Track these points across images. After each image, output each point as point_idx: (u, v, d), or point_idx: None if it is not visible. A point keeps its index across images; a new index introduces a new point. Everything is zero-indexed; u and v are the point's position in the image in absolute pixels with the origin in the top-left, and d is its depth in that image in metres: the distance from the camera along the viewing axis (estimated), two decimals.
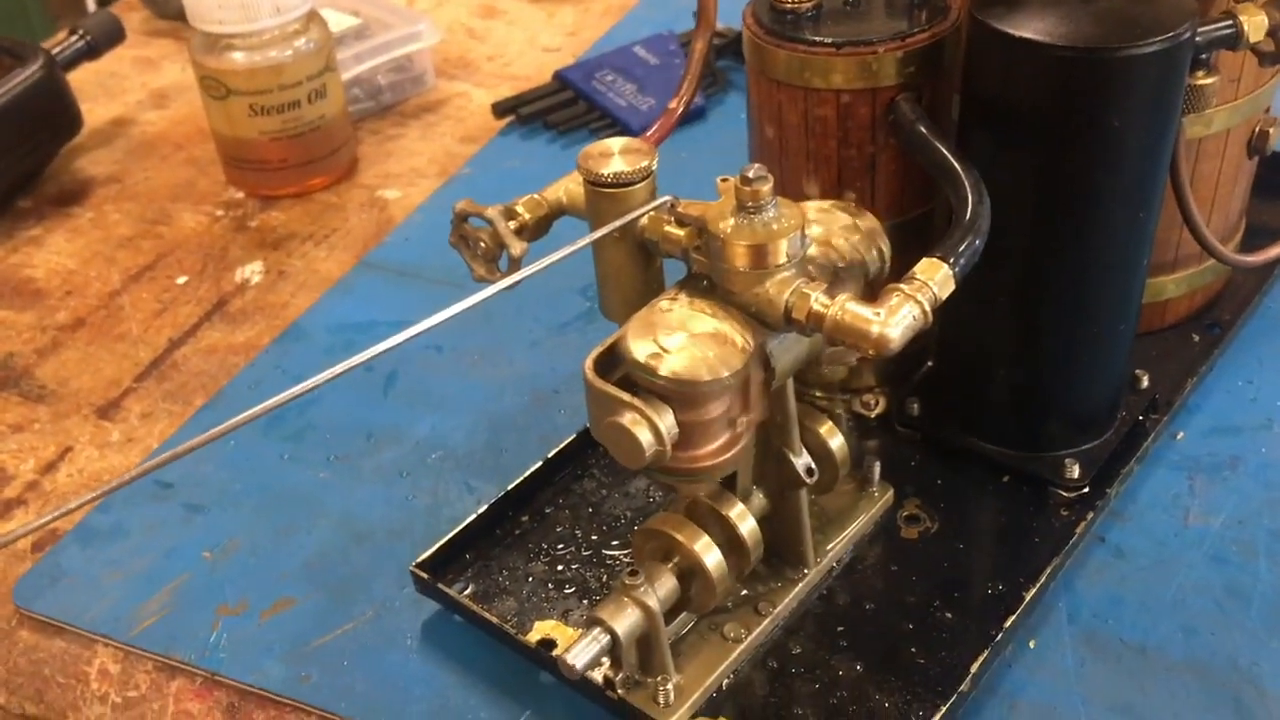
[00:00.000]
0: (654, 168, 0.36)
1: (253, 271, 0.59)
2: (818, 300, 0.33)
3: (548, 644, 0.38)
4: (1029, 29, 0.36)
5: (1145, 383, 0.45)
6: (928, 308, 0.33)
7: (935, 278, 0.33)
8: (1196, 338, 0.48)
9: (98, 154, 0.69)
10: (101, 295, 0.58)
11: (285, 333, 0.54)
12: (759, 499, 0.39)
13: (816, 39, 0.39)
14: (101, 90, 0.75)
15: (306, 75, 0.61)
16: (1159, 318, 0.49)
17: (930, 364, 0.46)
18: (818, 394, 0.46)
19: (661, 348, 0.32)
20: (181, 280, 0.58)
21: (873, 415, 0.46)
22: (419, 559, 0.40)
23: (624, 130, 0.65)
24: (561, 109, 0.68)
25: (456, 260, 0.39)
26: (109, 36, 0.69)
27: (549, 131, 0.67)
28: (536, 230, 0.38)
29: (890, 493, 0.42)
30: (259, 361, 0.52)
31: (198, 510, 0.46)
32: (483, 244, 0.37)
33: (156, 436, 0.49)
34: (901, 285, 0.33)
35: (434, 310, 0.30)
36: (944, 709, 0.35)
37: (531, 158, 0.65)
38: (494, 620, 0.38)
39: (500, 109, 0.69)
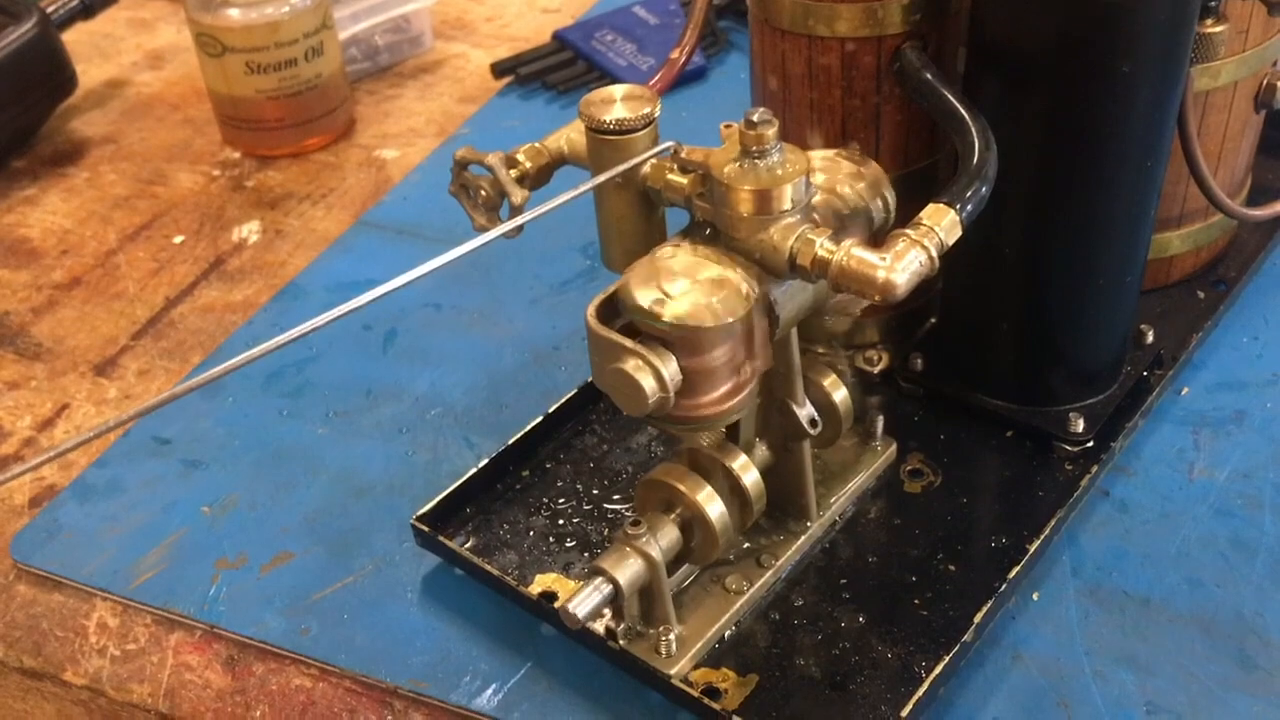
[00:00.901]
0: (657, 115, 0.36)
1: (250, 231, 0.58)
2: (823, 246, 0.32)
3: (549, 596, 0.38)
4: None
5: (1150, 338, 0.44)
6: (934, 253, 0.32)
7: (942, 223, 0.33)
8: (1202, 294, 0.48)
9: (93, 115, 0.68)
10: (98, 254, 0.57)
11: (283, 291, 0.53)
12: (762, 451, 0.39)
13: None
14: (96, 51, 0.74)
15: (303, 33, 0.60)
16: (1164, 274, 0.48)
17: (934, 320, 0.46)
18: (820, 350, 0.46)
19: (665, 293, 0.32)
20: (178, 240, 0.58)
21: (876, 371, 0.45)
22: (419, 512, 0.40)
23: None
24: (561, 69, 0.68)
25: (456, 218, 0.38)
26: None
27: (548, 91, 0.67)
28: (538, 179, 0.38)
29: (894, 447, 0.42)
30: (256, 320, 0.52)
31: (196, 466, 0.45)
32: (483, 192, 0.37)
33: (154, 394, 0.49)
34: (908, 231, 0.32)
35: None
36: (946, 659, 0.35)
37: (531, 117, 0.65)
38: (495, 572, 0.38)
39: (499, 69, 0.68)
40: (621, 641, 0.36)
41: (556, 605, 0.36)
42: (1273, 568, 0.38)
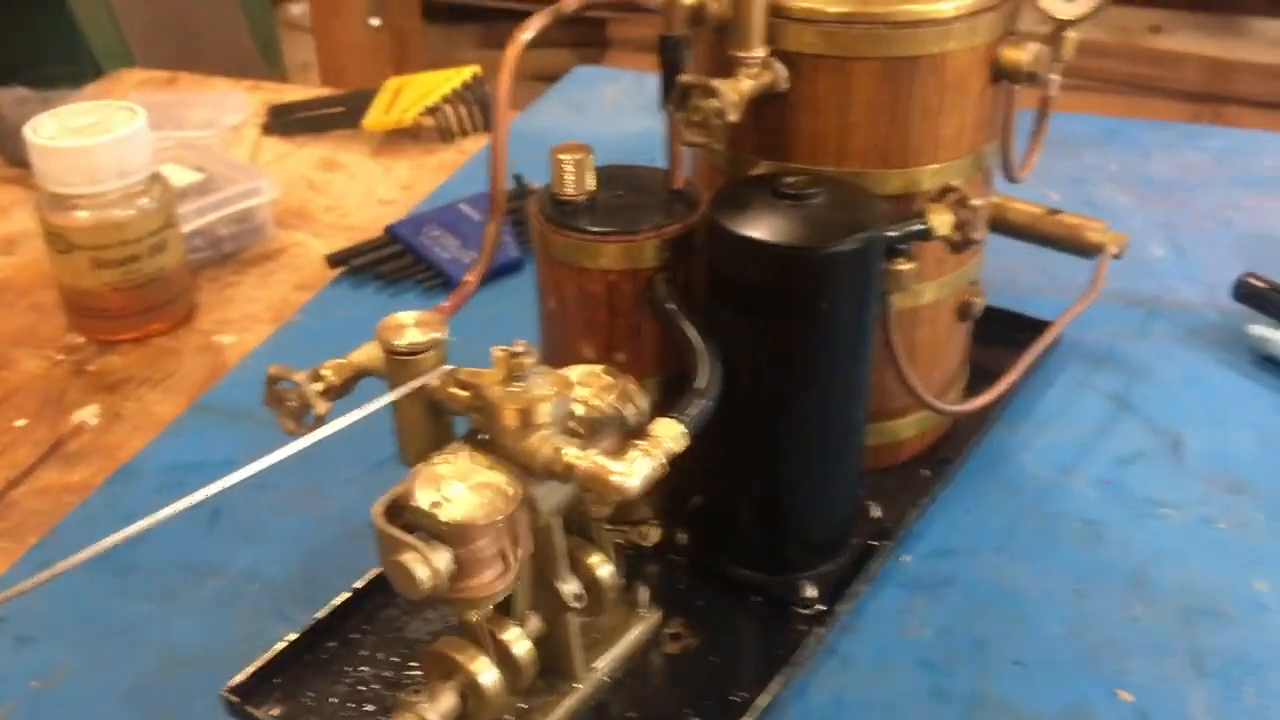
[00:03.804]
0: (443, 338, 0.43)
1: (90, 414, 0.63)
2: (571, 454, 0.39)
3: None
4: (752, 229, 0.44)
5: (877, 512, 0.52)
6: (664, 460, 0.40)
7: (670, 435, 0.40)
8: (926, 472, 0.56)
9: None
10: None
11: (118, 473, 0.58)
12: (535, 622, 0.45)
13: (589, 227, 0.47)
14: None
15: (147, 231, 0.66)
16: (894, 455, 0.57)
17: (697, 500, 0.53)
18: (606, 526, 0.53)
19: (441, 497, 0.38)
20: (20, 423, 0.62)
21: (649, 544, 0.52)
22: (230, 684, 0.44)
23: (447, 282, 0.72)
24: (390, 260, 0.75)
25: None
26: None
27: (378, 281, 0.74)
28: (342, 390, 0.44)
29: (659, 614, 0.49)
30: (91, 500, 0.56)
31: (27, 642, 0.49)
32: (292, 403, 0.43)
33: None
34: (641, 442, 0.40)
35: (262, 450, 0.35)
36: None
37: (360, 305, 0.71)
38: None
39: (334, 260, 0.75)
40: None
41: None
42: (964, 715, 0.45)
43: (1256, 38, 2.11)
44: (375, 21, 1.68)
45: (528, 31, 0.46)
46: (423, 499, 0.38)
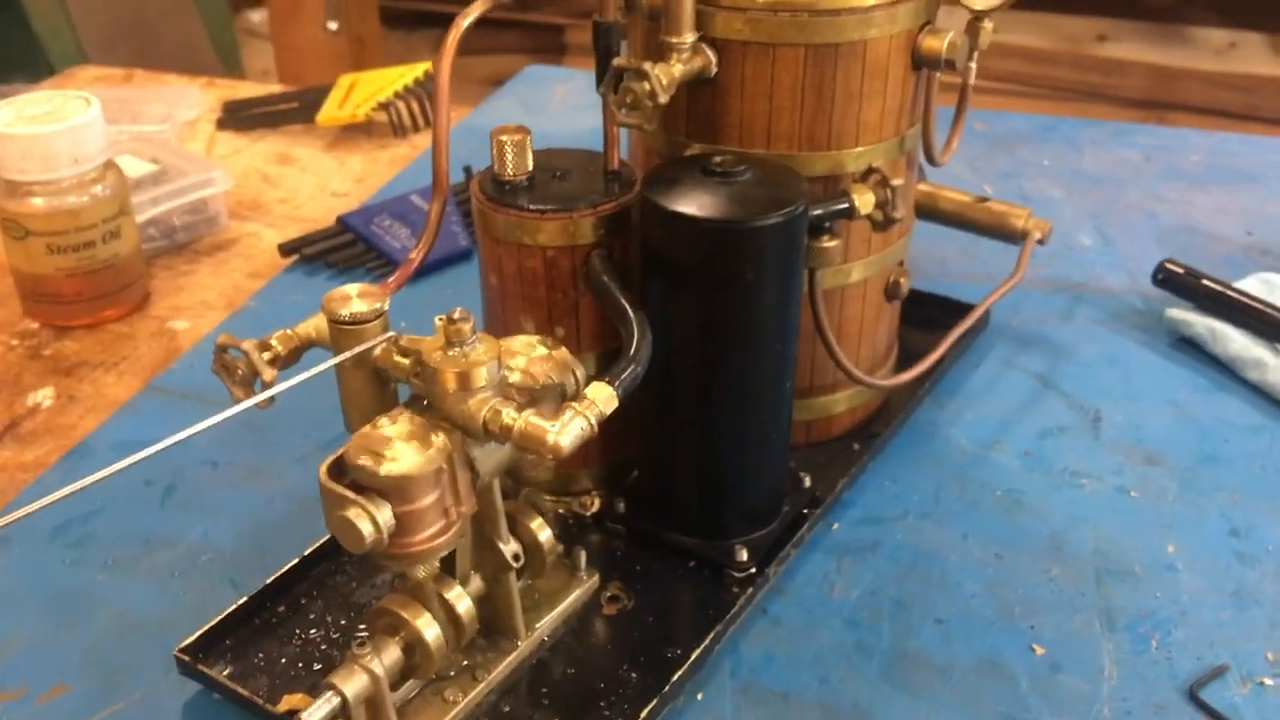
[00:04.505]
0: (385, 309, 0.45)
1: (44, 396, 0.64)
2: (508, 415, 0.41)
3: (293, 712, 0.44)
4: (682, 205, 0.46)
5: (807, 482, 0.55)
6: (594, 421, 0.42)
7: (601, 397, 0.42)
8: (856, 445, 0.58)
9: None
10: None
11: (72, 451, 0.59)
12: (476, 581, 0.47)
13: (528, 206, 0.49)
14: None
15: (102, 219, 0.67)
16: (828, 429, 0.59)
17: (635, 473, 0.55)
18: (547, 497, 0.55)
19: (381, 455, 0.40)
20: None
21: (589, 513, 0.54)
22: (182, 644, 0.46)
23: (396, 269, 0.74)
24: (342, 249, 0.76)
25: None
26: None
27: (330, 270, 0.75)
28: (288, 360, 0.46)
29: (596, 577, 0.51)
30: (45, 478, 0.58)
31: None
32: (240, 371, 0.45)
33: None
34: (574, 403, 0.42)
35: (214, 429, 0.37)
36: None
37: (312, 292, 0.73)
38: (245, 693, 0.45)
39: (286, 249, 0.76)
40: None
41: (294, 718, 0.42)
42: (884, 667, 0.47)
43: (1200, 46, 2.16)
44: (333, 26, 1.69)
45: (469, 17, 0.48)
46: (364, 456, 0.40)
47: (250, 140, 0.93)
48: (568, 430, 0.41)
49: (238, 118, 0.95)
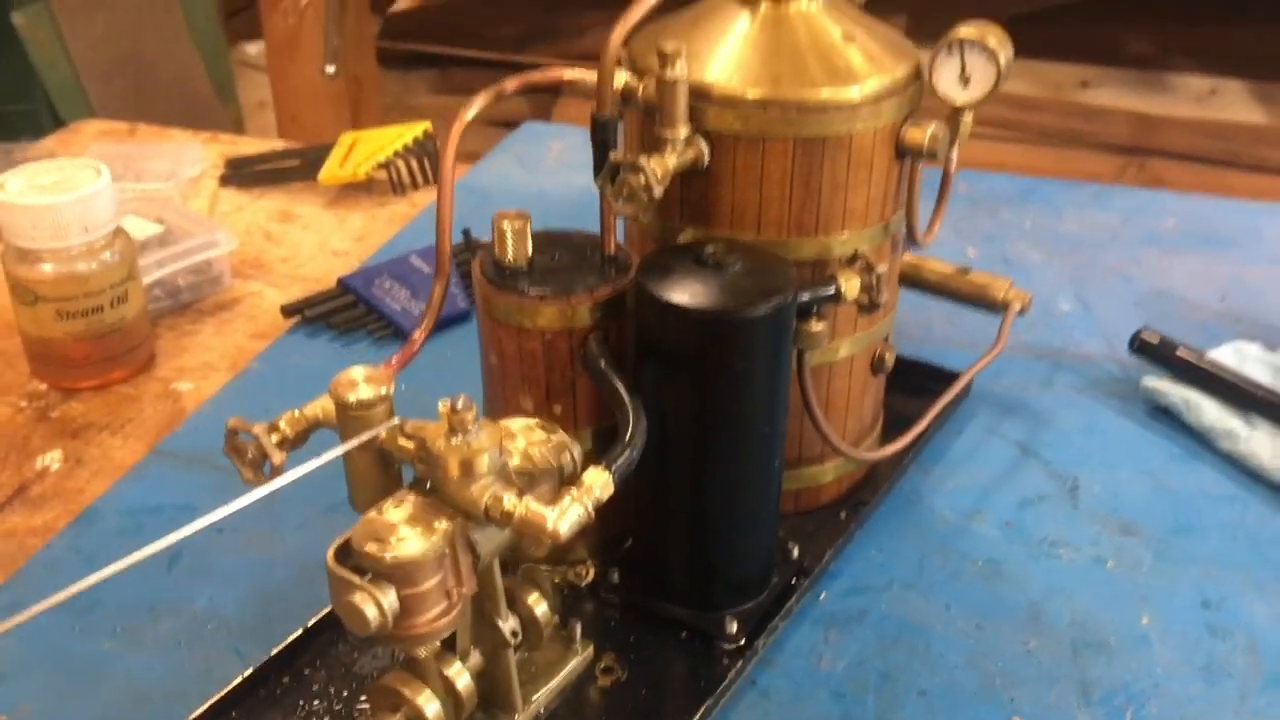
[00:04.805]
0: (390, 393, 0.46)
1: (52, 459, 0.65)
2: (509, 501, 0.43)
3: None
4: (674, 294, 0.48)
5: (796, 553, 0.57)
6: (591, 507, 0.43)
7: (599, 483, 0.44)
8: (843, 514, 0.60)
9: None
10: None
11: (80, 516, 0.61)
12: (476, 657, 0.48)
13: (527, 290, 0.51)
14: None
15: (110, 284, 0.69)
16: (816, 498, 0.61)
17: (629, 542, 0.57)
18: (543, 567, 0.57)
19: (385, 540, 0.42)
20: None
21: (584, 583, 0.56)
22: (190, 717, 0.48)
23: (398, 332, 0.76)
24: (343, 311, 0.78)
25: None
26: None
27: (331, 331, 0.77)
28: (296, 442, 0.48)
29: (590, 649, 0.52)
30: (54, 544, 0.59)
31: None
32: (250, 454, 0.47)
33: None
34: (572, 489, 0.44)
35: (218, 494, 0.39)
36: None
37: (314, 355, 0.75)
38: None
39: (288, 310, 0.78)
40: None
41: None
42: None
43: (1180, 93, 2.20)
44: (331, 70, 1.71)
45: (470, 110, 0.50)
46: (370, 542, 0.42)
47: (252, 197, 0.95)
48: (566, 517, 0.43)
49: (240, 174, 0.97)
